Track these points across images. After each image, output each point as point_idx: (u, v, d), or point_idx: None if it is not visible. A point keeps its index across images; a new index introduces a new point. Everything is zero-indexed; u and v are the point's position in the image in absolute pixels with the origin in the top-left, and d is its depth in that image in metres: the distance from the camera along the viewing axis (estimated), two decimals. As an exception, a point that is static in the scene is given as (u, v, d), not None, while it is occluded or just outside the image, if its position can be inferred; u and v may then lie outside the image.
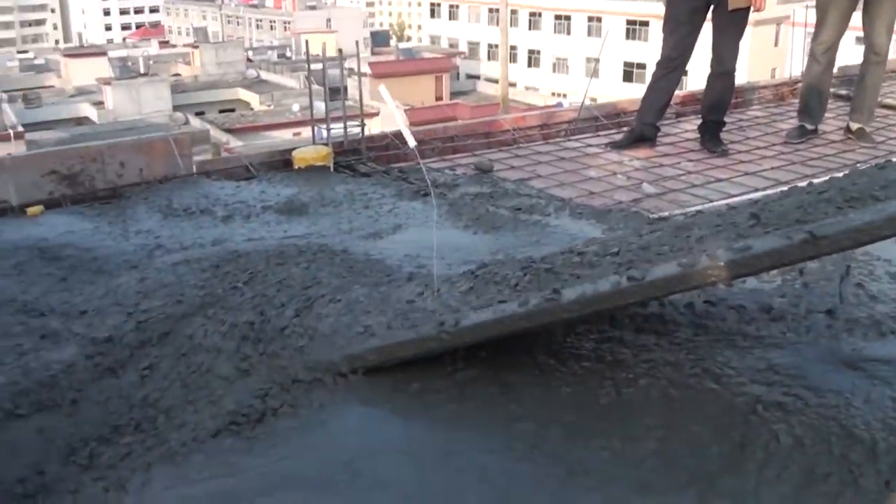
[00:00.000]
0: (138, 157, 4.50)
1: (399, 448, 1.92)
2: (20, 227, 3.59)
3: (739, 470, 1.63)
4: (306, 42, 7.85)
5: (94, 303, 2.79)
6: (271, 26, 74.48)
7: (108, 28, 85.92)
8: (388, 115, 29.90)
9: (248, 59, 51.99)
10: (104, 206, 3.96)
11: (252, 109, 40.44)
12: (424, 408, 2.08)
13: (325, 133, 4.83)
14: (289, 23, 69.02)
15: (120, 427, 2.01)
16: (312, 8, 70.90)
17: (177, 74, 48.51)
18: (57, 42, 79.86)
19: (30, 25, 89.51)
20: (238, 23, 75.81)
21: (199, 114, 38.14)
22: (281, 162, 4.81)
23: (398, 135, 5.27)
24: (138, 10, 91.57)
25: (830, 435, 1.73)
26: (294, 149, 4.73)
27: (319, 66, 5.15)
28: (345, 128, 4.92)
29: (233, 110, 40.64)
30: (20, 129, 28.66)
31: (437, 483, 1.79)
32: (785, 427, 1.72)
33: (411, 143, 3.02)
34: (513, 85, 42.63)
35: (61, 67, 48.29)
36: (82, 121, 38.29)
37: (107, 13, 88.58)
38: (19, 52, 62.62)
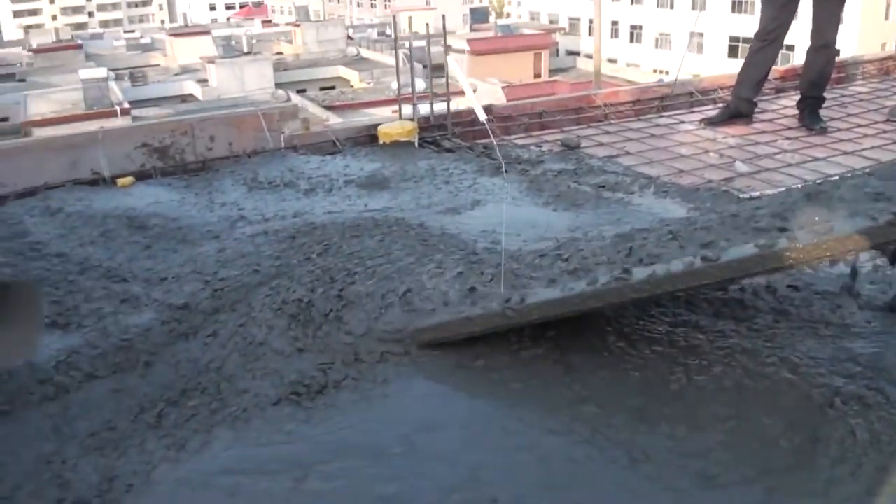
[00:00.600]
0: (228, 130, 4.59)
1: (459, 424, 1.90)
2: (111, 197, 3.71)
3: (810, 466, 1.53)
4: (398, 18, 7.84)
5: (174, 270, 2.86)
6: (372, 4, 75.09)
7: (213, 8, 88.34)
8: (485, 91, 29.85)
9: (349, 38, 52.63)
10: (192, 178, 4.05)
11: (352, 87, 40.91)
12: (487, 385, 2.05)
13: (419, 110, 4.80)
14: (389, 0, 69.45)
15: (187, 390, 2.05)
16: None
17: (279, 53, 49.51)
18: (163, 22, 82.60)
19: (136, 6, 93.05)
20: (339, 1, 76.72)
21: (301, 91, 38.80)
22: (367, 137, 4.82)
23: (484, 110, 5.21)
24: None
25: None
26: (380, 124, 4.73)
27: (418, 43, 5.13)
28: (431, 103, 4.90)
29: (333, 88, 41.21)
30: (126, 105, 29.81)
31: (494, 461, 1.75)
32: (863, 422, 1.61)
33: (482, 117, 2.96)
34: (613, 61, 41.66)
35: (167, 46, 49.93)
36: (187, 98, 39.53)
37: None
38: (126, 32, 65.07)
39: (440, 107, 4.91)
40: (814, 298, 2.15)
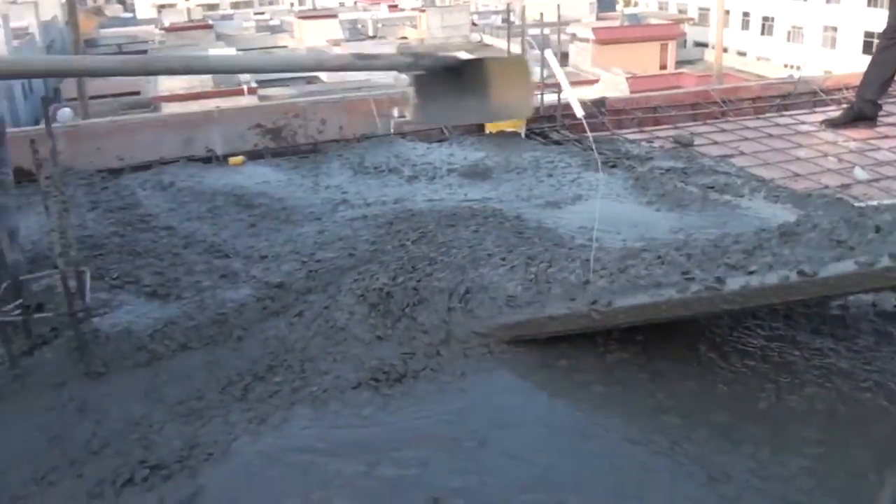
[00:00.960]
0: (339, 115, 4.69)
1: (536, 423, 1.87)
2: (221, 175, 3.85)
3: (900, 503, 1.43)
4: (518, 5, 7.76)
5: (275, 249, 2.94)
6: (491, -11, 74.83)
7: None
8: (608, 81, 29.30)
9: (473, 24, 52.69)
10: (301, 160, 4.15)
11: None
12: (569, 386, 2.01)
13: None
14: (515, -15, 68.96)
15: (273, 367, 2.10)
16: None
17: (404, 38, 50.06)
18: (292, 5, 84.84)
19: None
20: (465, -14, 76.80)
21: (426, 77, 39.01)
22: (475, 126, 4.81)
23: (596, 103, 5.12)
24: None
25: None
26: (488, 113, 4.72)
27: (538, 31, 5.10)
28: (541, 94, 4.84)
29: (455, 75, 41.26)
30: (253, 84, 30.79)
31: (566, 464, 1.72)
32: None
33: (578, 112, 2.89)
34: (742, 54, 40.04)
35: (294, 28, 51.29)
36: (312, 80, 40.53)
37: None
38: (256, 14, 67.24)
39: (552, 98, 4.86)
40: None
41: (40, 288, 2.46)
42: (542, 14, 4.75)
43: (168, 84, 32.15)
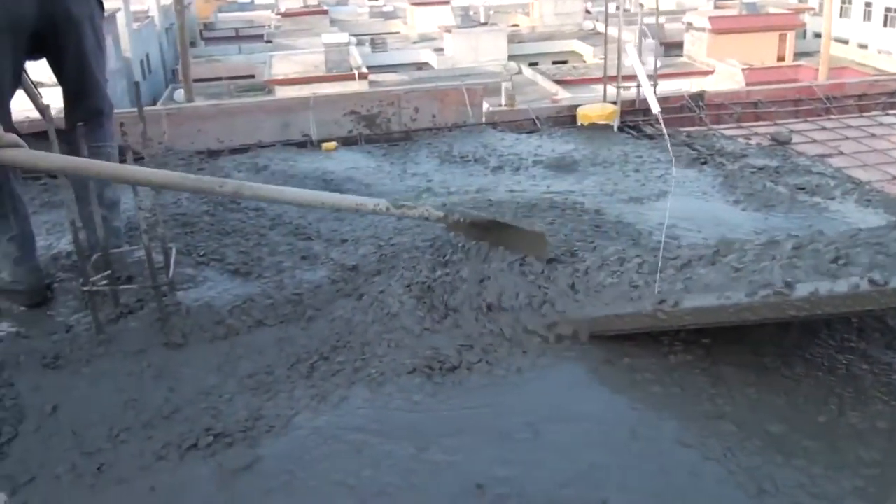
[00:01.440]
0: (432, 104, 4.74)
1: (588, 419, 1.87)
2: (314, 160, 3.96)
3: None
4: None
5: (356, 233, 3.02)
6: (610, -20, 73.39)
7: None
8: (723, 72, 28.38)
9: (587, 11, 51.96)
10: (391, 148, 4.23)
11: (585, 62, 40.40)
12: (628, 385, 2.00)
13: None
14: (629, -25, 67.74)
15: (338, 347, 2.18)
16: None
17: (515, 25, 49.83)
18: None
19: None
20: (578, -26, 75.73)
21: (533, 64, 38.85)
22: (568, 118, 4.79)
23: (694, 97, 5.00)
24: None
25: None
26: (580, 105, 4.68)
27: (649, 19, 5.04)
28: (638, 86, 4.78)
29: (566, 62, 40.91)
30: (364, 70, 31.30)
31: (614, 463, 1.72)
32: None
33: (655, 108, 2.84)
34: (864, 47, 38.00)
35: (407, 15, 51.75)
36: (422, 66, 40.82)
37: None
38: (370, 1, 68.32)
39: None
40: None
41: (132, 261, 2.61)
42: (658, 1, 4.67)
43: (282, 69, 33.09)
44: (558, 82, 34.47)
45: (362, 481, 1.69)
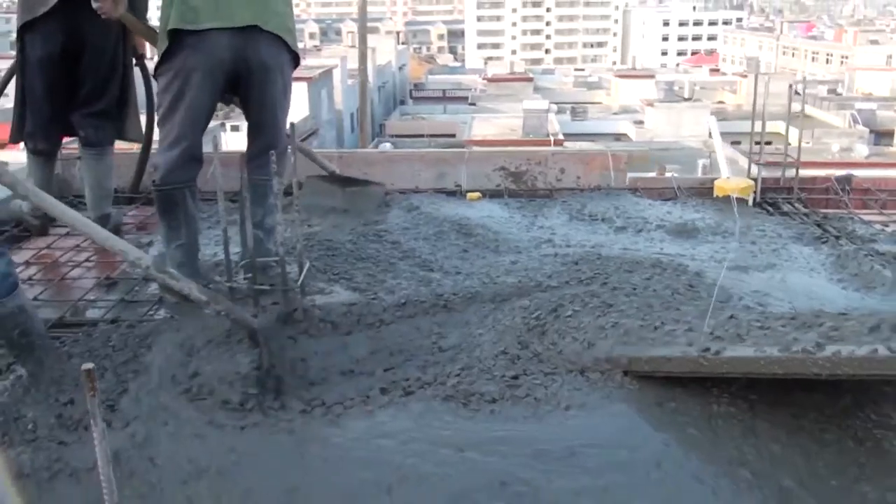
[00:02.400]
0: (577, 166, 5.07)
1: (622, 446, 2.10)
2: (457, 207, 4.39)
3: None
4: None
5: (473, 270, 3.38)
6: (827, 60, 70.31)
7: (664, 53, 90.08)
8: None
9: (796, 92, 50.11)
10: (528, 202, 4.57)
11: (789, 144, 38.96)
12: (668, 424, 2.20)
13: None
14: (846, 57, 64.64)
15: (426, 364, 2.53)
16: (874, 43, 65.31)
17: (720, 102, 48.96)
18: (613, 63, 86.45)
19: (591, 47, 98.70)
20: (793, 54, 73.18)
21: (735, 143, 38.02)
22: (709, 189, 4.93)
23: (841, 180, 5.00)
24: (696, 38, 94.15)
25: None
26: (717, 178, 4.83)
27: (870, 105, 5.13)
28: (783, 165, 4.88)
29: (770, 143, 39.63)
30: (560, 136, 31.90)
31: (630, 482, 1.94)
32: None
33: (724, 173, 2.99)
34: None
35: (611, 86, 52.19)
36: (620, 137, 40.92)
37: (665, 39, 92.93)
38: (576, 70, 69.54)
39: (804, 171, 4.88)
40: None
41: (275, 272, 3.11)
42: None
43: (481, 130, 34.40)
44: (757, 162, 33.23)
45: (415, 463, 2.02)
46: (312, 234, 3.78)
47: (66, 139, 4.11)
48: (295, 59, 3.35)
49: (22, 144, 3.96)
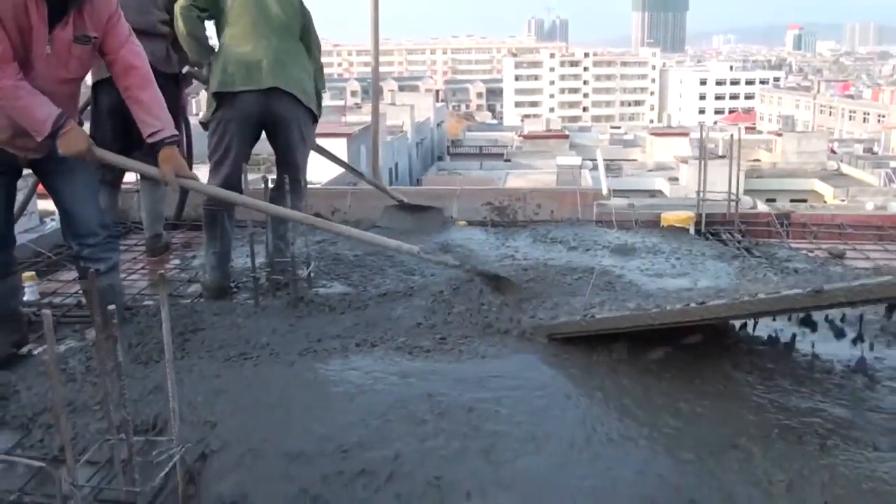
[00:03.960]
0: (552, 202, 6.01)
1: (509, 379, 2.97)
2: (446, 232, 5.34)
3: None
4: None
5: (444, 274, 4.31)
6: (864, 118, 70.52)
7: (702, 112, 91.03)
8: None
9: (832, 151, 50.61)
10: (506, 229, 5.51)
11: (824, 202, 39.36)
12: (552, 366, 3.09)
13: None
14: (883, 116, 64.88)
15: (367, 329, 3.47)
16: (913, 104, 65.55)
17: (756, 160, 49.51)
18: (651, 121, 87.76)
19: (629, 105, 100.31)
20: (830, 113, 73.53)
21: (770, 201, 38.46)
22: (653, 220, 5.82)
23: (780, 216, 5.85)
24: (734, 97, 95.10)
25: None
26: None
27: None
28: (736, 200, 5.76)
29: (805, 200, 40.08)
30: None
31: (512, 403, 2.84)
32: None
33: (604, 191, 3.90)
34: None
35: (646, 143, 53.09)
36: (655, 193, 41.63)
37: (702, 97, 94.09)
38: (612, 128, 70.81)
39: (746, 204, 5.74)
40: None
41: (289, 271, 4.07)
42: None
43: (514, 185, 35.42)
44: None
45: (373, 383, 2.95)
46: (325, 248, 4.77)
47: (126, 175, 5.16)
48: (311, 115, 4.35)
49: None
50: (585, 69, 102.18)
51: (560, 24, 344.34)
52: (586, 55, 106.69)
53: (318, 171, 9.97)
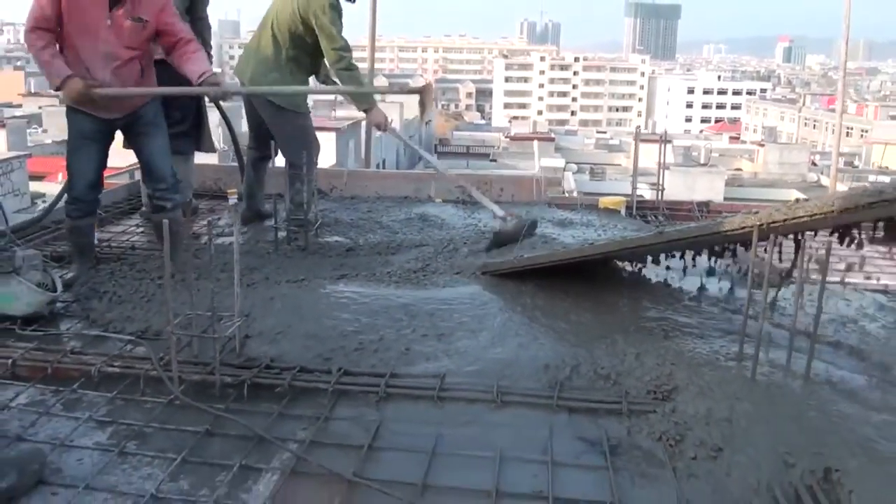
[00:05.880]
0: (512, 186, 7.28)
1: (461, 298, 4.23)
2: (425, 205, 6.60)
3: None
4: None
5: (420, 235, 5.56)
6: (848, 133, 72.21)
7: (689, 120, 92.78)
8: None
9: (813, 163, 52.04)
10: (473, 205, 6.76)
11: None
12: (492, 291, 4.34)
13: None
14: (866, 131, 66.60)
15: (355, 267, 4.72)
16: (895, 118, 67.24)
17: (738, 169, 50.91)
18: (638, 127, 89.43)
19: (617, 111, 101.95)
20: (814, 126, 75.21)
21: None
22: (595, 204, 7.09)
23: (701, 204, 7.13)
24: (720, 106, 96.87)
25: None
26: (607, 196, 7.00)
27: (884, 178, 7.26)
28: (660, 190, 7.02)
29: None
30: (575, 195, 33.97)
31: (459, 307, 4.09)
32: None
33: (498, 213, 5.17)
34: None
35: (630, 149, 54.32)
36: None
37: (689, 105, 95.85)
38: (598, 132, 72.31)
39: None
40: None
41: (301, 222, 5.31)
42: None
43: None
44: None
45: (363, 297, 4.19)
46: (328, 213, 6.03)
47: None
48: (273, 106, 5.45)
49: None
50: (575, 73, 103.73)
51: (552, 28, 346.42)
52: (576, 59, 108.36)
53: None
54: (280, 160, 5.62)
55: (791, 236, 3.63)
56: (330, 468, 2.70)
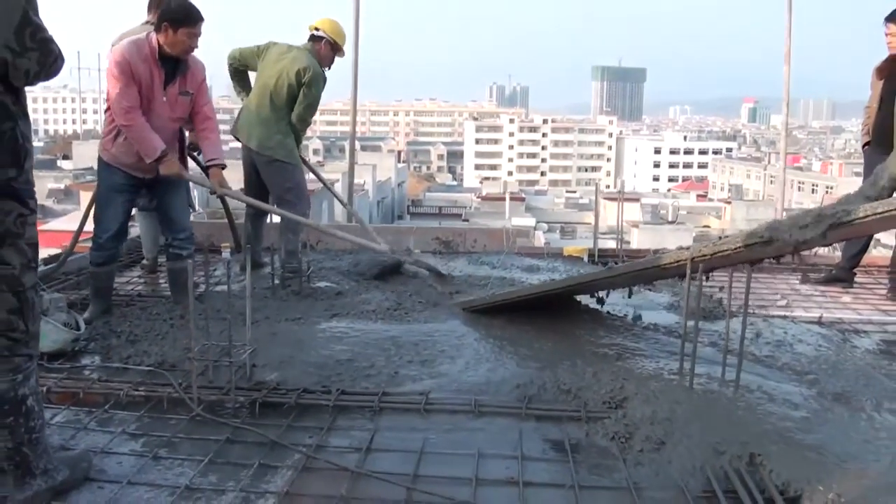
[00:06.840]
0: (486, 237, 7.90)
1: (442, 331, 4.79)
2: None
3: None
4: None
5: (405, 277, 6.14)
6: (812, 189, 74.38)
7: (656, 178, 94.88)
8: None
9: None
10: (449, 255, 7.36)
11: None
12: (469, 325, 4.90)
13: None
14: (831, 187, 68.68)
15: (358, 305, 5.29)
16: (858, 175, 69.44)
17: (706, 226, 52.22)
18: (607, 186, 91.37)
19: (586, 171, 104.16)
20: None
21: (712, 266, 40.75)
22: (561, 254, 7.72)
23: (658, 251, 7.77)
24: (687, 165, 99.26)
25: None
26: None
27: None
28: (620, 239, 7.67)
29: (749, 264, 42.37)
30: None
31: (441, 339, 4.64)
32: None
33: (382, 248, 5.84)
34: None
35: (599, 208, 55.41)
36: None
37: (657, 165, 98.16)
38: (568, 192, 73.89)
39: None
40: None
41: (295, 270, 5.86)
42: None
43: (470, 241, 37.07)
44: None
45: (354, 332, 4.73)
46: (319, 262, 6.60)
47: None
48: (266, 157, 6.10)
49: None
50: (544, 135, 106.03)
51: (520, 91, 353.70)
52: (545, 121, 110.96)
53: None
54: (275, 218, 6.20)
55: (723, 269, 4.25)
56: (336, 464, 3.21)
